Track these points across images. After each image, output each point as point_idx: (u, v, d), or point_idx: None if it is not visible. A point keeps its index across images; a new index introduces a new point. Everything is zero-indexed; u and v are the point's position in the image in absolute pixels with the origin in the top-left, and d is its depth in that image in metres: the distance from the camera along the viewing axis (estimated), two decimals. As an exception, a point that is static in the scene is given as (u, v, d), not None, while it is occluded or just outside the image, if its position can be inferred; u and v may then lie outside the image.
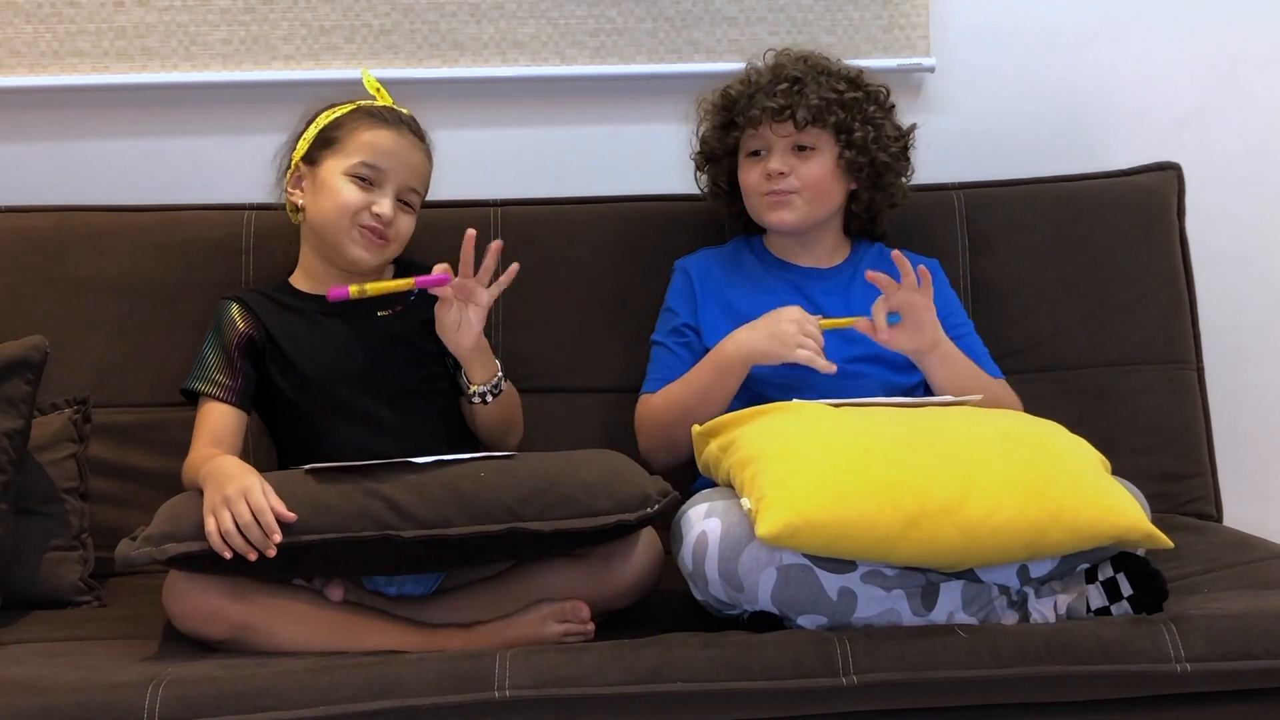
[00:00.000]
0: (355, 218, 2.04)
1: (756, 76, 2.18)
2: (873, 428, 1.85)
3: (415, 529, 1.79)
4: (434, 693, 1.66)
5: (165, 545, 1.79)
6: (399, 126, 2.08)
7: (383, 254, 2.07)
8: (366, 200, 2.04)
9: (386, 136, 2.07)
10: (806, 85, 2.14)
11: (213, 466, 1.86)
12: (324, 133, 2.08)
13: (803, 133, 2.15)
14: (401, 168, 2.07)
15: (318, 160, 2.08)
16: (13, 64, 2.43)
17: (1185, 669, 1.70)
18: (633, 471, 1.90)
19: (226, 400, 2.03)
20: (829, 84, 2.16)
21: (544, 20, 2.49)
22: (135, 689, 1.64)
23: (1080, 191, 2.43)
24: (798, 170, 2.16)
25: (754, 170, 2.18)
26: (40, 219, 2.32)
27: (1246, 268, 2.61)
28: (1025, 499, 1.75)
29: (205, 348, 2.07)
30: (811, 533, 1.71)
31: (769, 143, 2.17)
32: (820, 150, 2.17)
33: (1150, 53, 2.60)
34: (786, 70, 2.17)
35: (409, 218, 2.09)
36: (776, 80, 2.16)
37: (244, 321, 2.07)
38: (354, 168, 2.05)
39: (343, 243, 2.06)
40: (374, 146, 2.06)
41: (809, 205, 2.18)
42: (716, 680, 1.68)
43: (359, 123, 2.07)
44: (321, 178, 2.07)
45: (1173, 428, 2.36)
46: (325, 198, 2.06)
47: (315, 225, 2.09)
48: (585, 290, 2.33)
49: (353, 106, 2.11)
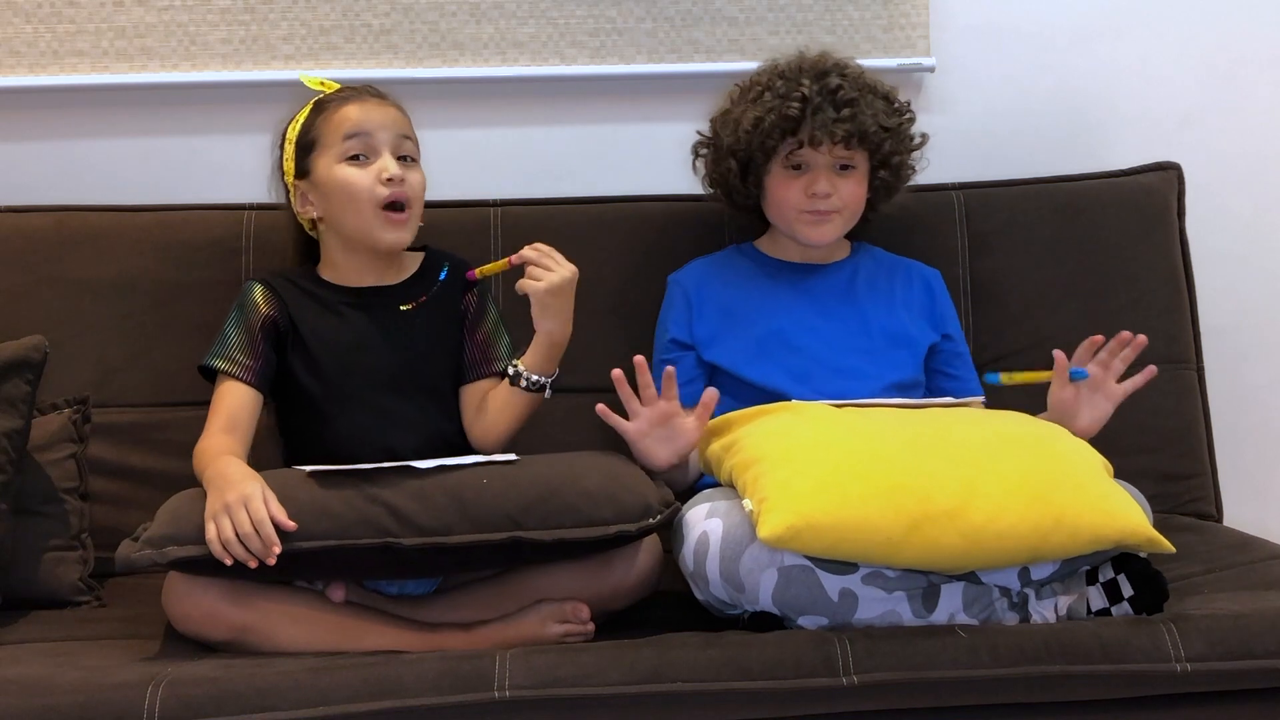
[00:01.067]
0: (372, 195, 2.02)
1: (808, 92, 2.12)
2: (876, 430, 1.84)
3: (416, 537, 1.78)
4: (434, 693, 1.66)
5: (166, 548, 1.79)
6: (359, 95, 2.08)
7: (411, 227, 2.06)
8: (373, 172, 2.03)
9: (355, 108, 2.05)
10: (861, 109, 2.13)
11: (217, 470, 1.86)
12: (300, 141, 2.07)
13: (848, 153, 2.16)
14: (384, 124, 2.05)
15: (308, 168, 2.07)
16: (13, 64, 2.43)
17: (1185, 669, 1.70)
18: (635, 479, 1.89)
19: (246, 380, 2.02)
20: (878, 107, 2.16)
21: (544, 20, 2.49)
22: (135, 689, 1.64)
23: (1080, 191, 2.43)
24: (840, 189, 2.16)
25: (794, 185, 2.16)
26: (40, 219, 2.32)
27: (1246, 268, 2.61)
28: (1028, 503, 1.75)
29: (228, 326, 2.06)
30: (813, 535, 1.71)
31: (813, 160, 2.16)
32: (859, 168, 2.18)
33: (1150, 53, 2.60)
34: (841, 91, 2.13)
35: (416, 172, 2.08)
36: (833, 102, 2.13)
37: (268, 304, 2.06)
38: (343, 150, 2.04)
39: (372, 234, 2.04)
40: (350, 121, 2.04)
41: (846, 222, 2.20)
42: (716, 680, 1.68)
43: (322, 113, 2.07)
44: (320, 180, 2.06)
45: (1173, 428, 2.36)
46: (334, 194, 2.05)
47: (339, 226, 2.07)
48: (585, 290, 2.31)
49: (311, 105, 2.09)
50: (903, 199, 2.28)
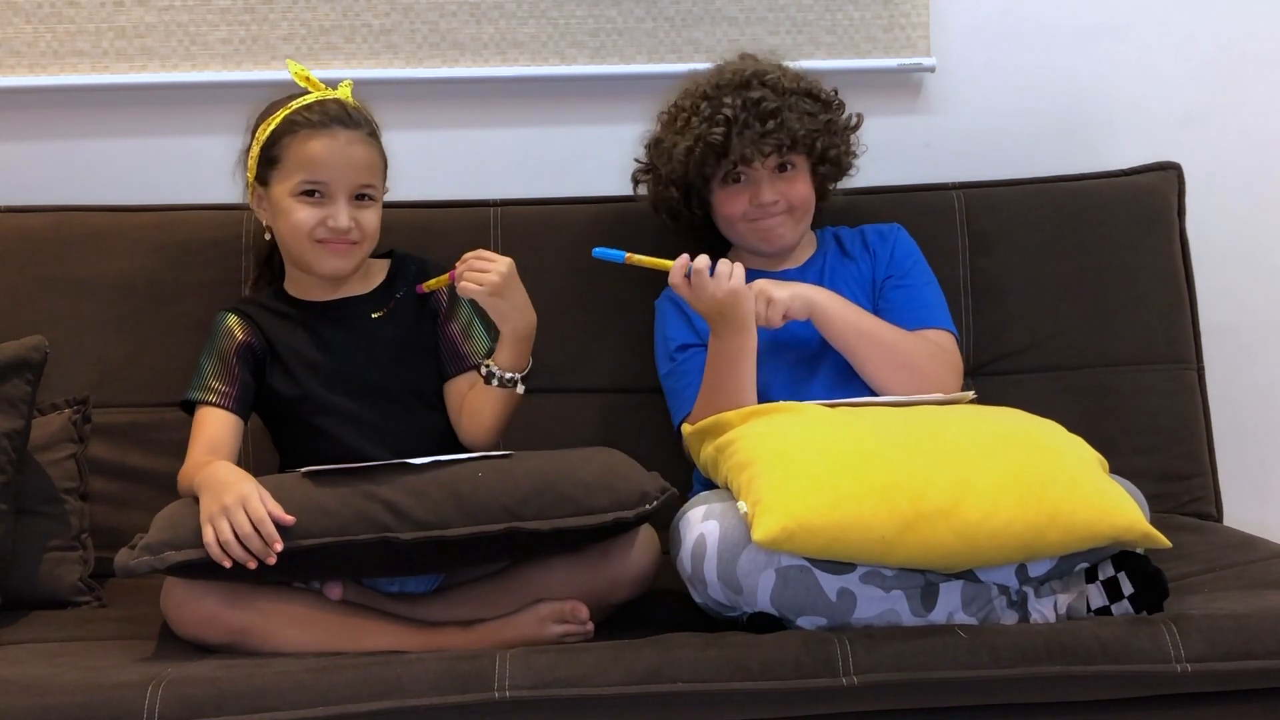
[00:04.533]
0: (312, 235, 2.02)
1: (731, 112, 2.13)
2: (868, 430, 1.84)
3: (414, 531, 1.78)
4: (434, 693, 1.66)
5: (165, 554, 1.79)
6: (331, 128, 2.01)
7: (356, 256, 2.05)
8: (320, 216, 2.01)
9: (320, 145, 2.00)
10: (786, 115, 2.14)
11: (208, 474, 1.86)
12: (265, 152, 2.03)
13: (784, 156, 2.17)
14: (344, 171, 2.01)
15: (268, 181, 2.04)
16: (13, 64, 2.43)
17: (1185, 669, 1.70)
18: (630, 469, 1.90)
19: (222, 406, 2.02)
20: (803, 108, 2.17)
21: (544, 20, 2.49)
22: (135, 689, 1.64)
23: (1080, 191, 2.43)
24: (784, 193, 2.18)
25: (738, 199, 2.18)
26: (40, 219, 2.32)
27: (1246, 268, 2.61)
28: (1022, 500, 1.75)
29: (201, 360, 2.06)
30: (807, 536, 1.71)
31: (751, 173, 2.17)
32: (799, 167, 2.20)
33: (1150, 53, 2.60)
34: (763, 102, 2.14)
35: (372, 212, 2.05)
36: (757, 115, 2.14)
37: (242, 331, 2.06)
38: (297, 186, 2.01)
39: (311, 261, 2.04)
40: (311, 161, 2.00)
41: (799, 222, 2.21)
42: (716, 680, 1.68)
43: (292, 136, 2.01)
44: (274, 200, 2.04)
45: (1173, 428, 2.36)
46: (281, 220, 2.04)
47: (283, 244, 2.08)
48: (584, 290, 2.33)
49: (284, 114, 2.03)
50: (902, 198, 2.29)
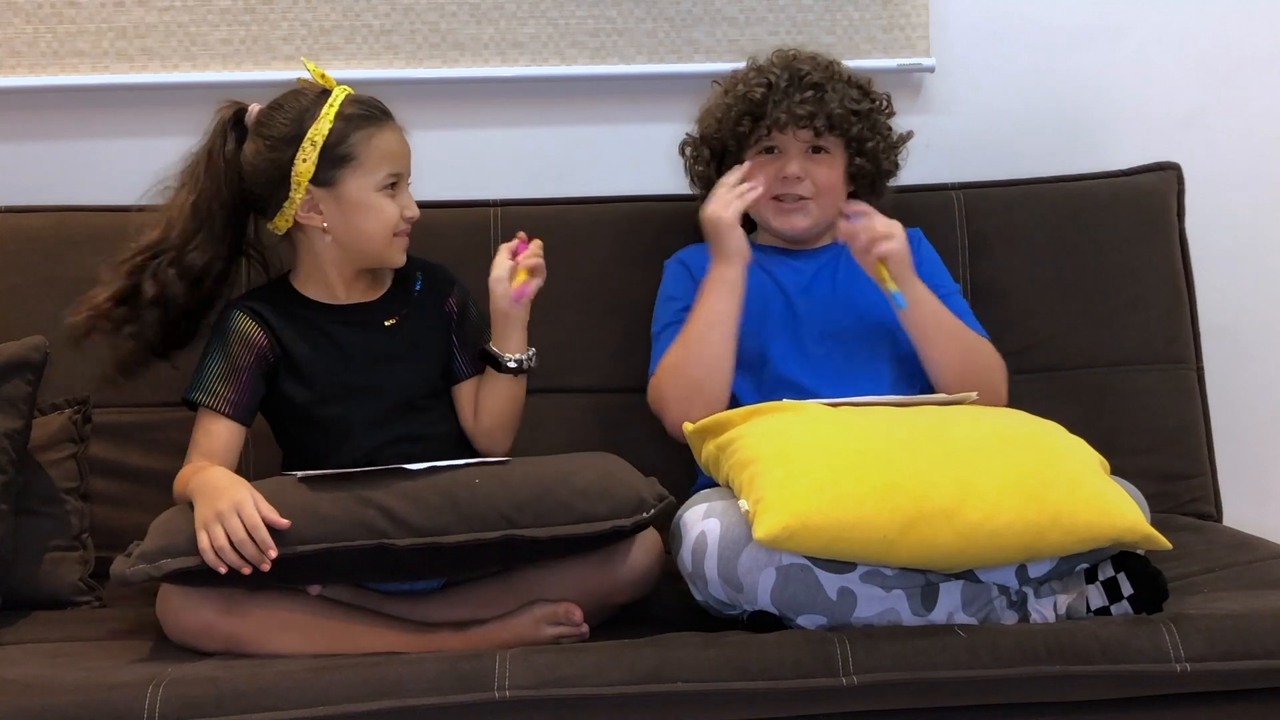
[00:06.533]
0: (394, 226, 2.02)
1: (774, 78, 2.16)
2: (871, 429, 1.85)
3: (410, 537, 1.78)
4: (434, 693, 1.66)
5: (160, 561, 1.79)
6: (389, 121, 2.03)
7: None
8: (399, 209, 2.02)
9: (393, 139, 2.02)
10: (827, 92, 2.15)
11: (202, 479, 1.85)
12: (329, 151, 1.98)
13: (819, 138, 2.16)
14: (409, 161, 2.05)
15: (335, 181, 1.99)
16: (13, 64, 2.43)
17: (1185, 669, 1.70)
18: (629, 475, 1.89)
19: (226, 414, 1.99)
20: (846, 92, 2.17)
21: (544, 20, 2.49)
22: (135, 689, 1.64)
23: (1080, 191, 2.43)
24: (812, 174, 2.17)
25: (767, 170, 2.17)
26: (40, 219, 2.32)
27: (1246, 268, 2.61)
28: (1023, 501, 1.75)
29: (208, 356, 2.02)
30: (809, 535, 1.71)
31: (784, 145, 2.17)
32: (834, 155, 2.18)
33: (1150, 53, 2.59)
34: (808, 75, 2.16)
35: None
36: (799, 85, 2.15)
37: (255, 334, 2.02)
38: (384, 180, 2.00)
39: (387, 255, 2.04)
40: (391, 155, 2.01)
41: (821, 210, 2.19)
42: (716, 680, 1.68)
43: (361, 131, 2.00)
44: (350, 198, 2.00)
45: (1173, 428, 2.36)
46: (364, 218, 2.00)
47: (350, 242, 2.02)
48: (584, 290, 2.32)
49: (333, 113, 1.99)
50: (902, 198, 2.28)
